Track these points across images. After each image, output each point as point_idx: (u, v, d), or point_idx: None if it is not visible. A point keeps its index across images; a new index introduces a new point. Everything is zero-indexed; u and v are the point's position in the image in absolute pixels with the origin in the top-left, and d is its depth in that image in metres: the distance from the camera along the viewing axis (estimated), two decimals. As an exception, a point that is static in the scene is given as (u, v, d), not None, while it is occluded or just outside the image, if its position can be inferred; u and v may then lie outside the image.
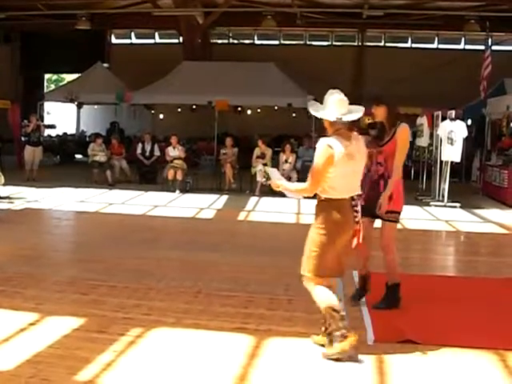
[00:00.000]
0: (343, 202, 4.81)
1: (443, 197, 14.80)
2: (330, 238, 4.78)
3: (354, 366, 4.66)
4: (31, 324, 5.37)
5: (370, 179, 6.18)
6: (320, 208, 4.87)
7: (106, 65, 28.58)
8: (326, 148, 4.70)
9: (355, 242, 4.92)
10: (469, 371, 4.63)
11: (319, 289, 4.85)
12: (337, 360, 4.67)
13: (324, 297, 4.83)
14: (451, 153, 14.49)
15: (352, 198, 4.86)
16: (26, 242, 9.25)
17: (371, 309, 6.03)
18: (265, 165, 15.55)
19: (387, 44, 30.52)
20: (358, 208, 4.88)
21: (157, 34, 31.62)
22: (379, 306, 6.05)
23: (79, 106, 26.52)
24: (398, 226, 11.84)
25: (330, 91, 4.82)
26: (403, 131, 6.04)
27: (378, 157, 6.11)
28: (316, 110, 4.85)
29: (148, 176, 18.23)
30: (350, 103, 4.80)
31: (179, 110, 26.01)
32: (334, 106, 4.73)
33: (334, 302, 4.79)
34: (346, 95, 4.80)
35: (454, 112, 14.83)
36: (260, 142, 16.75)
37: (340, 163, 4.69)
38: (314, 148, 4.88)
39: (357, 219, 4.88)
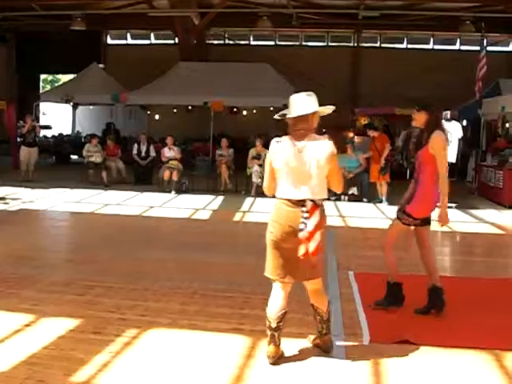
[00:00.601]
0: (287, 202, 4.64)
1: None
2: (273, 238, 4.70)
3: (350, 367, 4.67)
4: (27, 325, 5.37)
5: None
6: (273, 207, 4.82)
7: (101, 65, 28.57)
8: (270, 146, 4.78)
9: (302, 250, 4.55)
10: (464, 371, 4.64)
11: (272, 290, 4.84)
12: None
13: (269, 300, 4.82)
14: (446, 153, 14.48)
15: (302, 204, 4.59)
16: (21, 242, 9.25)
17: (373, 307, 6.05)
18: (260, 166, 15.62)
19: (383, 45, 30.56)
20: (311, 215, 4.54)
21: (152, 35, 31.62)
22: (380, 303, 6.07)
23: (75, 107, 26.52)
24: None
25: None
26: (435, 139, 5.88)
27: (416, 162, 6.09)
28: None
29: (144, 177, 18.22)
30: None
31: (175, 110, 26.01)
32: (290, 106, 4.73)
33: (271, 310, 4.74)
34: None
35: (449, 112, 14.85)
36: (258, 142, 16.60)
37: (280, 162, 4.66)
38: None
39: (301, 226, 4.54)
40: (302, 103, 4.68)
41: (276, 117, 4.83)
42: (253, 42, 31.26)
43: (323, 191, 4.70)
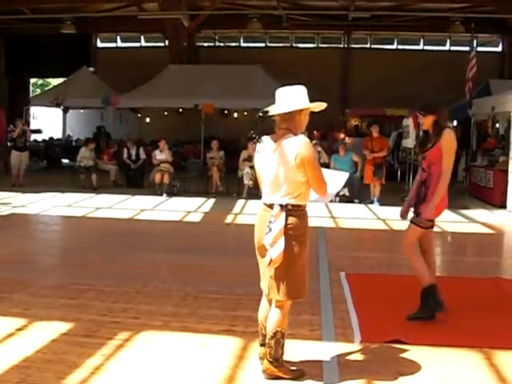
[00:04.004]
0: (263, 206, 4.47)
1: (429, 198, 14.84)
2: (255, 240, 4.55)
3: (342, 366, 4.69)
4: (19, 329, 5.37)
5: (415, 187, 6.17)
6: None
7: (91, 69, 28.49)
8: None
9: (268, 258, 4.32)
10: (455, 370, 4.67)
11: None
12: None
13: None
14: (437, 154, 14.54)
15: (271, 207, 4.35)
16: (13, 247, 9.23)
17: (407, 318, 5.87)
18: (252, 167, 15.61)
19: (373, 46, 30.60)
20: (276, 219, 4.27)
21: (142, 38, 31.57)
22: (415, 316, 5.84)
23: (65, 111, 26.44)
24: (385, 226, 11.93)
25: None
26: (447, 136, 5.86)
27: (423, 163, 6.09)
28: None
29: (135, 180, 18.21)
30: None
31: (166, 113, 26.00)
32: (276, 102, 4.43)
33: (258, 314, 4.70)
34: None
35: (439, 113, 14.88)
36: (249, 144, 16.44)
37: (258, 163, 4.53)
38: None
39: (266, 230, 4.30)
40: (287, 99, 4.35)
41: (259, 114, 4.45)
42: (243, 44, 31.24)
43: (298, 196, 4.33)
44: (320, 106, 4.45)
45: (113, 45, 32.13)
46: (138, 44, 31.78)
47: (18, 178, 17.79)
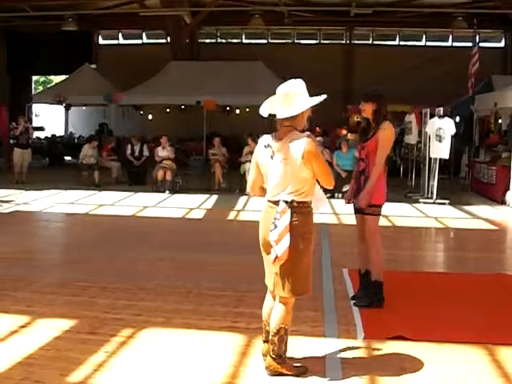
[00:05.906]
0: (268, 203, 4.47)
1: (432, 194, 14.84)
2: (259, 240, 4.57)
3: (344, 363, 4.69)
4: (22, 326, 5.38)
5: (354, 176, 6.23)
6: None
7: (93, 66, 28.51)
8: (258, 144, 4.58)
9: (273, 255, 4.32)
10: (458, 366, 4.67)
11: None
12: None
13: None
14: (440, 150, 14.54)
15: (276, 203, 4.36)
16: (16, 244, 9.23)
17: (354, 306, 6.09)
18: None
19: (375, 42, 30.56)
20: (281, 216, 4.28)
21: (144, 35, 31.54)
22: (360, 303, 6.08)
23: (67, 108, 26.47)
24: (387, 223, 11.91)
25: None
26: (386, 129, 5.97)
27: (361, 152, 6.14)
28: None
29: (137, 177, 18.20)
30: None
31: (168, 110, 26.01)
32: (278, 100, 4.40)
33: (262, 310, 4.72)
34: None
35: (442, 109, 14.87)
36: (250, 141, 16.49)
37: (259, 161, 4.51)
38: None
39: (271, 227, 4.31)
40: (293, 98, 4.33)
41: (264, 115, 4.44)
42: (245, 41, 31.20)
43: (303, 193, 4.36)
44: (321, 99, 4.43)
45: (114, 42, 32.13)
46: (139, 41, 31.77)
47: (20, 175, 17.78)
